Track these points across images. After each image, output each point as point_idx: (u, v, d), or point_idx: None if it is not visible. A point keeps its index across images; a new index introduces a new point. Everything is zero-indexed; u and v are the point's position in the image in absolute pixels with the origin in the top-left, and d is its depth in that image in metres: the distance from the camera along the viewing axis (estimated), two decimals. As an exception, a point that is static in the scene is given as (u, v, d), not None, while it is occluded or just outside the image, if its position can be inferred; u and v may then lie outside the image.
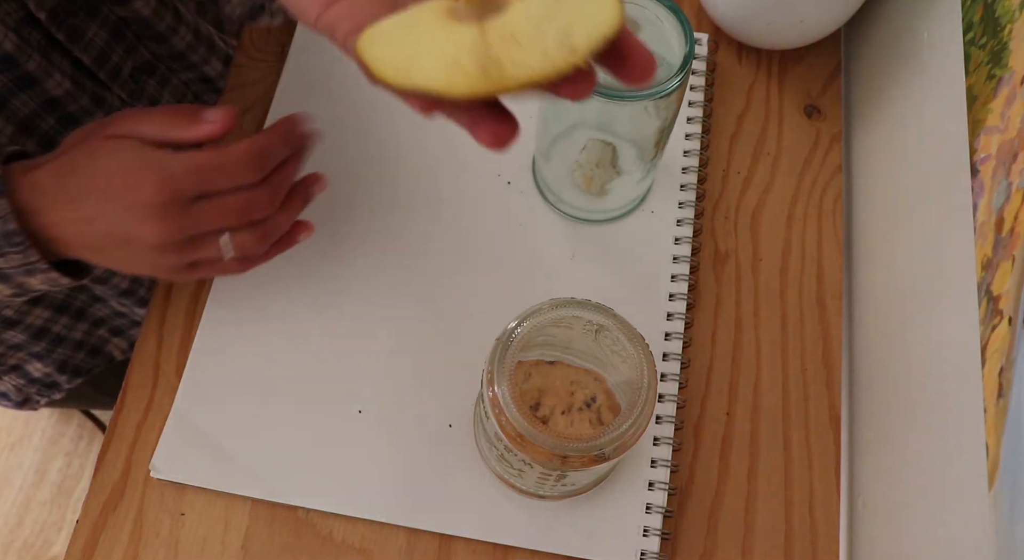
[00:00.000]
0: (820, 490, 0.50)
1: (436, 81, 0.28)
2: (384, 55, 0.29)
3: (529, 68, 0.27)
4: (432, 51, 0.28)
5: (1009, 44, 0.41)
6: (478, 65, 0.27)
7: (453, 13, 0.29)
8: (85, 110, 0.49)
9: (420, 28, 0.29)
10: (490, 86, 0.27)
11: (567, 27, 0.27)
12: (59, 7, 0.45)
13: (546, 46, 0.27)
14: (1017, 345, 0.36)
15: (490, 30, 0.28)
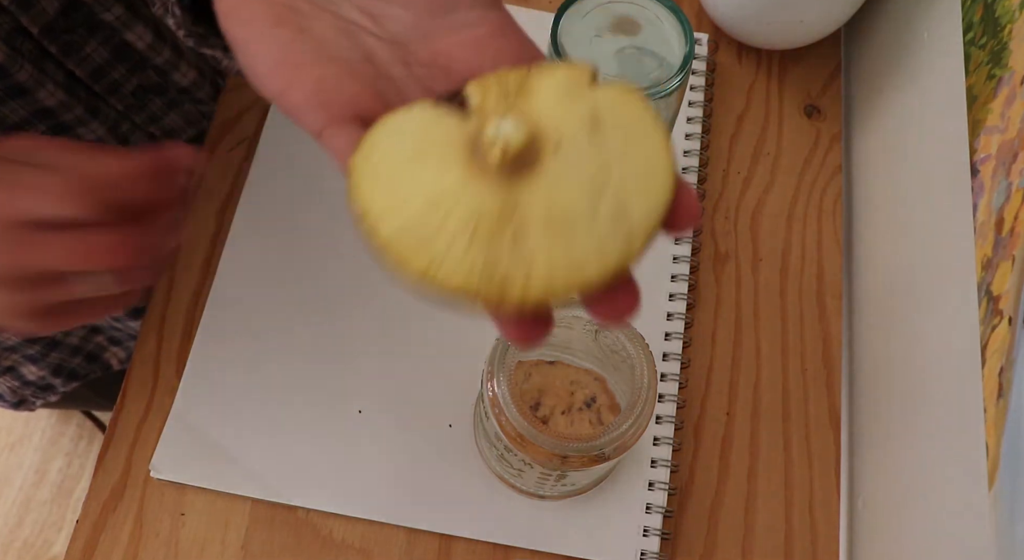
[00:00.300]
0: (820, 490, 0.50)
1: (454, 279, 0.21)
2: (385, 214, 0.22)
3: (581, 272, 0.21)
4: (444, 227, 0.21)
5: (1009, 44, 0.41)
6: (504, 267, 0.21)
7: (470, 146, 0.22)
8: (79, 120, 0.48)
9: (426, 169, 0.22)
10: (515, 298, 0.21)
11: (622, 199, 0.21)
12: (55, 24, 0.44)
13: (601, 234, 0.21)
14: (1017, 345, 0.36)
15: (527, 202, 0.21)
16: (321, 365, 0.51)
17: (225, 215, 0.55)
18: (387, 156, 0.23)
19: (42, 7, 0.43)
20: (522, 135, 0.21)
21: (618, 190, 0.21)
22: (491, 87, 0.23)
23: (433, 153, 0.22)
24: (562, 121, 0.22)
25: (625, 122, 0.22)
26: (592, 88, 0.23)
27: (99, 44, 0.47)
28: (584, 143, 0.22)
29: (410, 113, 0.23)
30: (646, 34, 0.47)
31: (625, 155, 0.22)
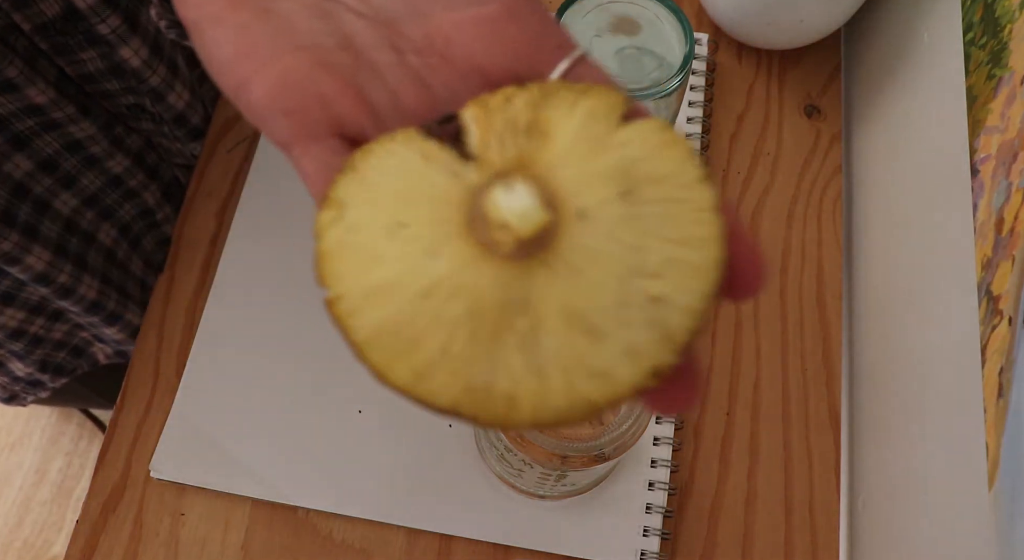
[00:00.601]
0: (820, 490, 0.50)
1: (444, 396, 0.17)
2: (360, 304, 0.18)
3: (610, 384, 0.17)
4: (433, 326, 0.17)
5: (1009, 44, 0.41)
6: (510, 381, 0.17)
7: (469, 210, 0.18)
8: (70, 118, 0.47)
9: (413, 243, 0.18)
10: (523, 420, 0.17)
11: (662, 285, 0.17)
12: (51, 25, 0.44)
13: (636, 333, 0.17)
14: (1017, 345, 0.36)
15: (540, 293, 0.17)
16: (321, 365, 0.51)
17: (225, 215, 0.55)
18: (364, 219, 0.18)
19: (40, 8, 0.43)
20: (537, 218, 0.17)
21: (656, 272, 0.17)
22: (495, 116, 0.19)
23: (422, 219, 0.18)
24: (587, 180, 0.18)
25: (662, 174, 0.18)
26: (622, 126, 0.19)
27: (98, 56, 0.47)
28: (614, 211, 0.18)
29: (393, 152, 0.19)
30: (646, 34, 0.47)
31: (664, 223, 0.18)
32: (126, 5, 0.46)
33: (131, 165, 0.54)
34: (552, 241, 0.17)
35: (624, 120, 0.19)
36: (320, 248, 0.18)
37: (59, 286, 0.50)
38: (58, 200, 0.50)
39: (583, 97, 0.19)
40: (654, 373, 0.17)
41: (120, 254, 0.57)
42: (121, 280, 0.57)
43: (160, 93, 0.52)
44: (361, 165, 0.19)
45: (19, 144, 0.46)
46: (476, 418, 0.17)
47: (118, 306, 0.56)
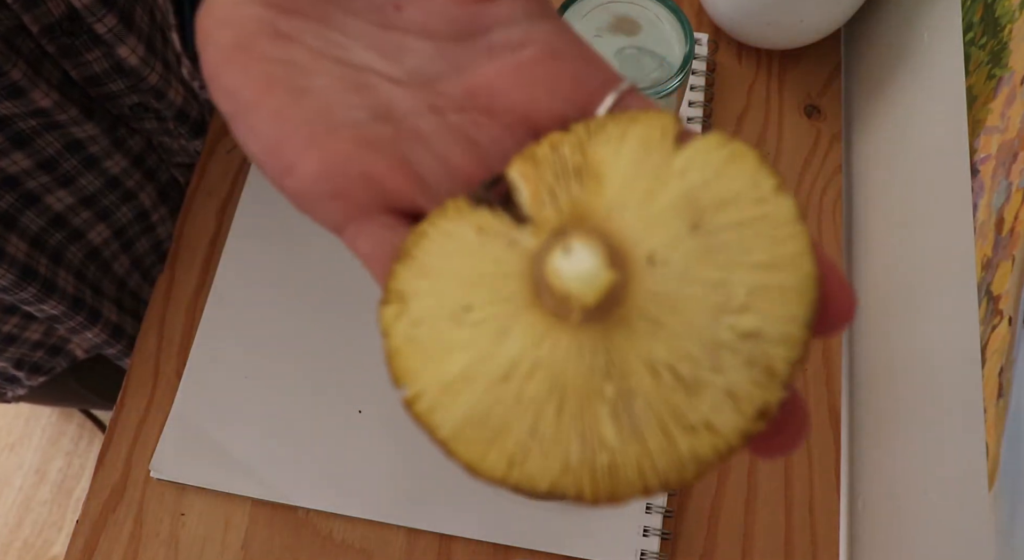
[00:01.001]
0: (820, 490, 0.50)
1: (543, 480, 0.16)
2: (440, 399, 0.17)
3: (715, 435, 0.16)
4: (518, 410, 0.16)
5: (1009, 44, 0.41)
6: (610, 452, 0.16)
7: (532, 280, 0.17)
8: (73, 120, 0.48)
9: (481, 328, 0.17)
10: (633, 490, 0.16)
11: (752, 320, 0.16)
12: (57, 26, 0.44)
13: (733, 377, 0.16)
14: (1017, 345, 0.36)
15: (622, 352, 0.16)
16: (321, 365, 0.51)
17: (225, 215, 0.55)
18: (428, 310, 0.17)
19: (47, 8, 0.43)
20: (600, 282, 0.16)
21: (745, 306, 0.16)
22: (543, 168, 0.18)
23: (486, 299, 0.17)
24: (651, 220, 0.16)
25: (731, 194, 0.16)
26: (678, 150, 0.17)
27: (103, 55, 0.47)
28: (686, 248, 0.16)
29: (446, 232, 0.18)
30: (646, 34, 0.47)
31: (744, 247, 0.16)
32: (122, 4, 0.46)
33: (129, 165, 0.54)
34: (625, 296, 0.16)
35: (679, 143, 0.17)
36: (389, 346, 0.17)
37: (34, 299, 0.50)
38: (51, 197, 0.50)
39: (631, 127, 0.18)
40: (760, 414, 0.16)
41: (106, 253, 0.57)
42: (97, 278, 0.57)
43: (160, 90, 0.52)
44: (416, 251, 0.18)
45: (20, 143, 0.46)
46: (581, 497, 0.16)
47: (94, 302, 0.56)
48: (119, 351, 0.61)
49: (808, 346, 0.16)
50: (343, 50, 0.20)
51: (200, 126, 0.58)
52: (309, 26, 0.20)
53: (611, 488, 0.16)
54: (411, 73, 0.20)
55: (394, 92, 0.20)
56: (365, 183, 0.19)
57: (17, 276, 0.48)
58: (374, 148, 0.19)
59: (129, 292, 0.62)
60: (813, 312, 0.16)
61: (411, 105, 0.20)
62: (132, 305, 0.62)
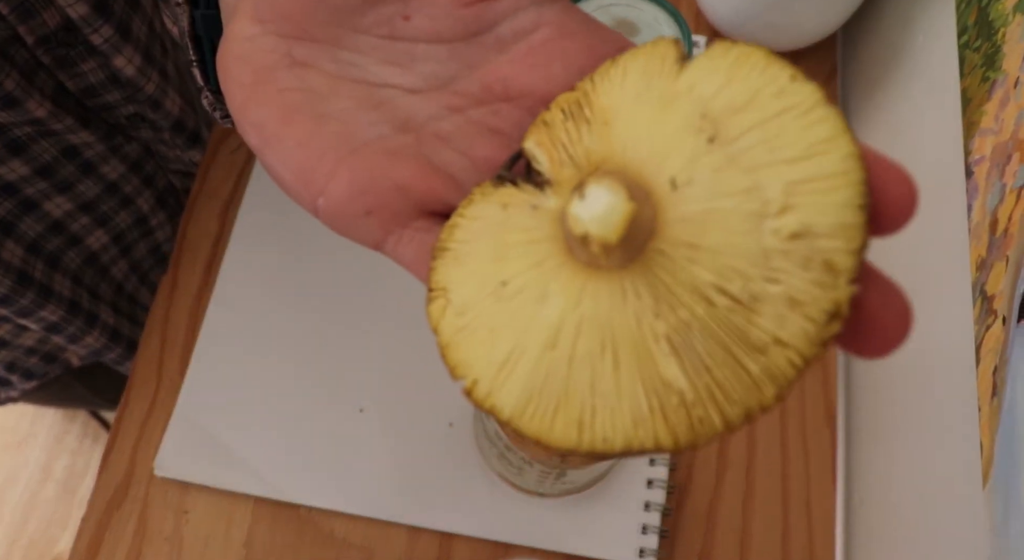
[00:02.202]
0: (817, 488, 0.50)
1: (616, 439, 0.15)
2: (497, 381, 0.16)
3: (789, 349, 0.14)
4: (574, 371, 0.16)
5: (1003, 47, 0.42)
6: (678, 393, 0.15)
7: (563, 239, 0.16)
8: (69, 128, 0.47)
9: (522, 299, 0.16)
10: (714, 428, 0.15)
11: (797, 218, 0.14)
12: (52, 36, 0.43)
13: (790, 290, 0.14)
14: (1011, 344, 0.37)
15: (666, 285, 0.15)
16: (323, 364, 0.51)
17: (227, 215, 0.56)
18: (469, 296, 0.17)
19: (43, 19, 0.42)
20: (618, 216, 0.15)
21: (784, 206, 0.14)
22: (555, 130, 0.17)
23: (520, 269, 0.16)
24: (665, 145, 0.16)
25: (745, 96, 0.15)
26: (683, 69, 0.16)
27: (97, 66, 0.47)
28: (708, 163, 0.15)
29: (474, 216, 0.18)
30: (644, 36, 0.47)
31: (771, 146, 0.15)
32: (119, 15, 0.46)
33: (126, 171, 0.54)
34: (655, 228, 0.15)
35: (682, 63, 0.16)
36: (440, 342, 0.17)
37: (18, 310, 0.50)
38: (50, 203, 0.50)
39: (631, 62, 0.17)
40: (832, 316, 0.14)
41: (105, 258, 0.58)
42: (94, 282, 0.57)
43: (156, 100, 0.52)
44: (449, 243, 0.18)
45: (16, 149, 0.46)
46: (660, 446, 0.15)
47: (85, 323, 0.55)
48: (118, 355, 0.61)
49: (868, 231, 0.14)
50: (358, 69, 0.20)
51: (196, 137, 0.58)
52: (323, 50, 0.20)
53: (689, 430, 0.15)
54: (426, 79, 0.21)
55: (412, 101, 0.20)
56: (396, 193, 0.19)
57: (13, 282, 0.48)
58: (399, 158, 0.19)
59: (126, 296, 0.62)
60: (864, 192, 0.14)
61: (430, 111, 0.20)
62: (129, 309, 0.62)
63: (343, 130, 0.20)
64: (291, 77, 0.20)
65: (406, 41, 0.21)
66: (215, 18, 0.24)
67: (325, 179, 0.19)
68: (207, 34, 0.24)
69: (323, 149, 0.19)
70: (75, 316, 0.54)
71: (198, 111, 0.59)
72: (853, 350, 0.15)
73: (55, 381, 0.64)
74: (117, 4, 0.46)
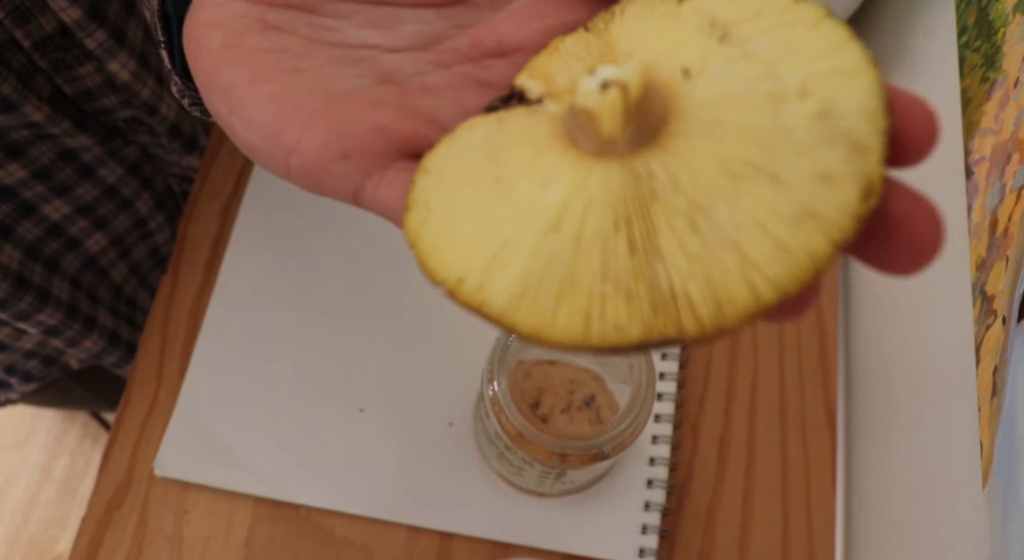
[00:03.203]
0: (817, 488, 0.50)
1: (630, 331, 0.13)
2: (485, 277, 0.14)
3: (825, 222, 0.13)
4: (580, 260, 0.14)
5: (1003, 47, 0.42)
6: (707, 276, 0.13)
7: (562, 133, 0.15)
8: (66, 132, 0.47)
9: (516, 188, 0.15)
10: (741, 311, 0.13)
11: (820, 96, 0.14)
12: (49, 41, 0.43)
13: (820, 163, 0.13)
14: (1011, 344, 0.37)
15: (691, 167, 0.14)
16: (323, 364, 0.51)
17: (228, 215, 0.56)
18: (457, 201, 0.15)
19: (39, 23, 0.42)
20: (637, 75, 0.14)
21: (805, 91, 0.14)
22: (550, 60, 0.17)
23: (518, 162, 0.15)
24: (675, 46, 0.15)
25: (754, 7, 0.15)
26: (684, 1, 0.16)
27: (94, 70, 0.47)
28: (721, 55, 0.14)
29: (462, 136, 0.16)
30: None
31: (783, 47, 0.14)
32: (113, 19, 0.46)
33: (125, 174, 0.54)
34: (669, 112, 0.14)
35: None
36: (420, 251, 0.15)
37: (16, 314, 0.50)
38: (48, 206, 0.50)
39: (629, 3, 0.16)
40: (866, 193, 0.13)
41: (104, 261, 0.58)
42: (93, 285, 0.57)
43: (152, 105, 0.52)
44: (431, 164, 0.16)
45: (13, 153, 0.46)
46: (684, 333, 0.13)
47: (83, 327, 0.55)
48: (117, 358, 0.61)
49: (890, 117, 0.13)
50: (337, 32, 0.19)
51: (193, 143, 0.58)
52: (298, 15, 0.19)
53: (716, 313, 0.13)
54: (411, 39, 0.19)
55: (395, 58, 0.19)
56: (375, 134, 0.17)
57: (11, 286, 0.48)
58: (380, 104, 0.18)
59: (125, 299, 0.62)
60: (881, 83, 0.14)
61: (414, 67, 0.19)
62: (128, 311, 0.62)
63: (319, 84, 0.18)
64: (263, 39, 0.19)
65: (389, 5, 0.19)
66: None
67: (299, 130, 0.17)
68: (176, 12, 0.23)
69: (297, 102, 0.18)
70: (74, 319, 0.54)
71: (194, 117, 0.59)
72: (887, 264, 0.14)
73: (54, 384, 0.64)
74: (111, 9, 0.46)
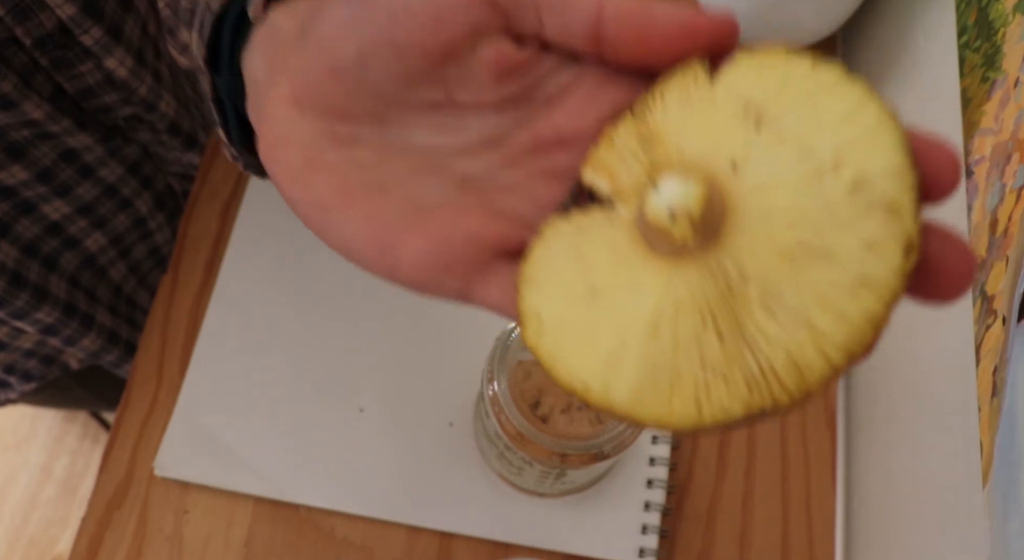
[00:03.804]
0: (816, 488, 0.50)
1: (734, 408, 0.16)
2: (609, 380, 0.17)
3: (877, 287, 0.15)
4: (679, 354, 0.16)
5: (1003, 47, 0.42)
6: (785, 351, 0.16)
7: (640, 239, 0.17)
8: (66, 131, 0.47)
9: (615, 299, 0.17)
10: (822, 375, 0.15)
11: (853, 169, 0.16)
12: (49, 38, 0.43)
13: (863, 233, 0.15)
14: (1011, 344, 0.37)
15: (749, 252, 0.16)
16: (323, 364, 0.51)
17: (228, 215, 0.56)
18: (561, 311, 0.18)
19: (40, 21, 0.42)
20: (696, 191, 0.16)
21: (838, 161, 0.16)
22: (610, 157, 0.19)
23: (606, 272, 0.17)
24: (718, 138, 0.17)
25: (777, 84, 0.17)
26: (716, 80, 0.18)
27: (94, 67, 0.47)
28: (761, 141, 0.16)
29: (548, 245, 0.19)
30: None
31: (811, 118, 0.16)
32: (110, 16, 0.46)
33: (125, 173, 0.54)
34: (726, 207, 0.16)
35: (712, 75, 0.18)
36: (545, 362, 0.18)
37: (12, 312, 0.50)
38: (48, 206, 0.50)
39: (667, 87, 0.18)
40: (907, 250, 0.15)
41: (103, 260, 0.57)
42: (92, 284, 0.57)
43: (151, 102, 0.52)
44: (529, 272, 0.19)
45: (15, 154, 0.46)
46: (778, 405, 0.16)
47: (81, 325, 0.55)
48: (116, 358, 0.61)
49: (917, 170, 0.15)
50: (406, 139, 0.21)
51: (193, 140, 0.58)
52: (367, 126, 0.21)
53: (800, 382, 0.15)
54: (477, 139, 0.21)
55: (466, 161, 0.21)
56: (470, 243, 0.19)
57: (7, 283, 0.48)
58: (466, 212, 0.20)
59: (124, 298, 0.62)
60: (904, 137, 0.16)
61: (486, 168, 0.21)
62: (127, 311, 0.62)
63: (405, 197, 0.20)
64: (340, 154, 0.20)
65: (452, 111, 0.21)
66: (238, 85, 0.24)
67: (398, 246, 0.19)
68: (230, 100, 0.25)
69: (390, 218, 0.20)
70: (71, 318, 0.54)
71: (193, 114, 0.59)
72: (924, 296, 0.16)
73: (54, 384, 0.64)
74: (108, 6, 0.46)
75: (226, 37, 0.24)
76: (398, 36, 0.20)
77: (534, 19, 0.20)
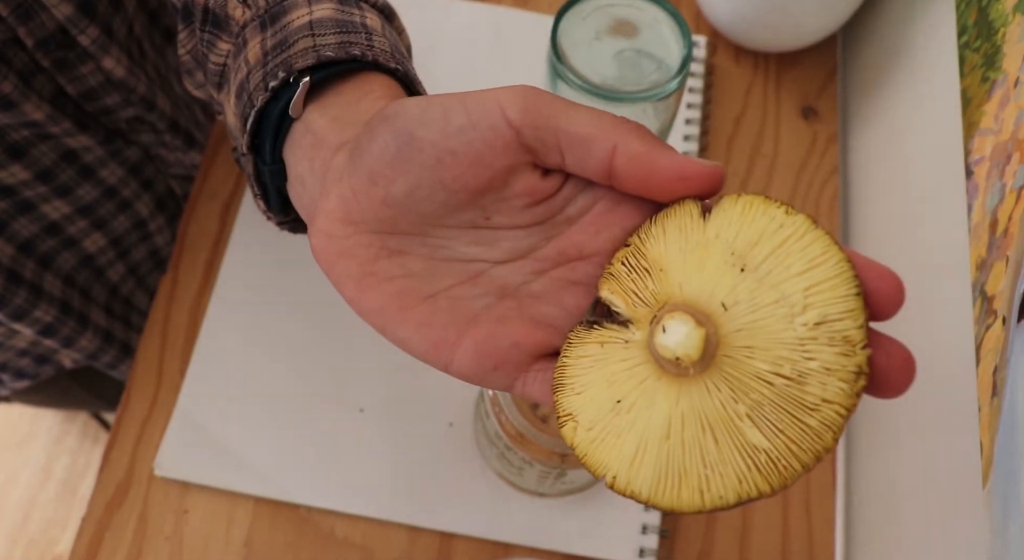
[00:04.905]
0: (817, 488, 0.50)
1: (732, 492, 0.21)
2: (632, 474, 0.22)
3: (834, 404, 0.20)
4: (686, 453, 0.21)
5: (1003, 47, 0.42)
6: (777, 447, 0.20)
7: (653, 359, 0.22)
8: (66, 132, 0.47)
9: (634, 409, 0.22)
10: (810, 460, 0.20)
11: (818, 311, 0.20)
12: (51, 39, 0.43)
13: (824, 361, 0.20)
14: (1011, 344, 0.37)
15: (740, 374, 0.21)
16: (323, 364, 0.51)
17: (228, 215, 0.56)
18: (592, 415, 0.23)
19: (41, 21, 0.42)
20: (696, 340, 0.21)
21: (805, 305, 0.20)
22: (623, 281, 0.23)
23: (627, 387, 0.22)
24: (711, 280, 0.22)
25: (756, 235, 0.21)
26: (707, 221, 0.22)
27: (95, 68, 0.47)
28: (745, 287, 0.21)
29: (579, 356, 0.23)
30: (645, 37, 0.47)
31: (784, 266, 0.21)
32: (103, 16, 0.46)
33: (125, 175, 0.54)
34: (719, 340, 0.21)
35: (704, 215, 0.22)
36: (579, 453, 0.23)
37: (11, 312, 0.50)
38: (48, 206, 0.50)
39: (667, 221, 0.23)
40: (858, 374, 0.20)
41: (102, 261, 0.57)
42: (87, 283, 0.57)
43: (149, 100, 0.52)
44: (563, 379, 0.24)
45: (15, 154, 0.46)
46: (762, 493, 0.20)
47: (73, 332, 0.55)
48: (112, 358, 0.61)
49: (867, 309, 0.20)
50: (448, 250, 0.25)
51: (192, 137, 0.58)
52: (414, 239, 0.25)
53: (779, 476, 0.20)
54: (510, 253, 0.25)
55: (502, 271, 0.25)
56: (513, 349, 0.24)
57: (4, 280, 0.48)
58: (508, 321, 0.24)
59: (122, 299, 0.62)
60: (858, 283, 0.20)
61: (520, 276, 0.25)
62: (123, 312, 0.62)
63: (453, 306, 0.25)
64: (392, 265, 0.25)
65: (488, 230, 0.25)
66: (279, 171, 0.28)
67: (452, 349, 0.24)
68: (273, 183, 0.29)
69: (443, 325, 0.24)
70: (67, 316, 0.54)
71: (186, 111, 0.59)
72: (876, 395, 0.21)
73: (53, 384, 0.64)
74: (101, 4, 0.46)
75: (268, 130, 0.28)
76: (444, 177, 0.23)
77: (558, 157, 0.23)
